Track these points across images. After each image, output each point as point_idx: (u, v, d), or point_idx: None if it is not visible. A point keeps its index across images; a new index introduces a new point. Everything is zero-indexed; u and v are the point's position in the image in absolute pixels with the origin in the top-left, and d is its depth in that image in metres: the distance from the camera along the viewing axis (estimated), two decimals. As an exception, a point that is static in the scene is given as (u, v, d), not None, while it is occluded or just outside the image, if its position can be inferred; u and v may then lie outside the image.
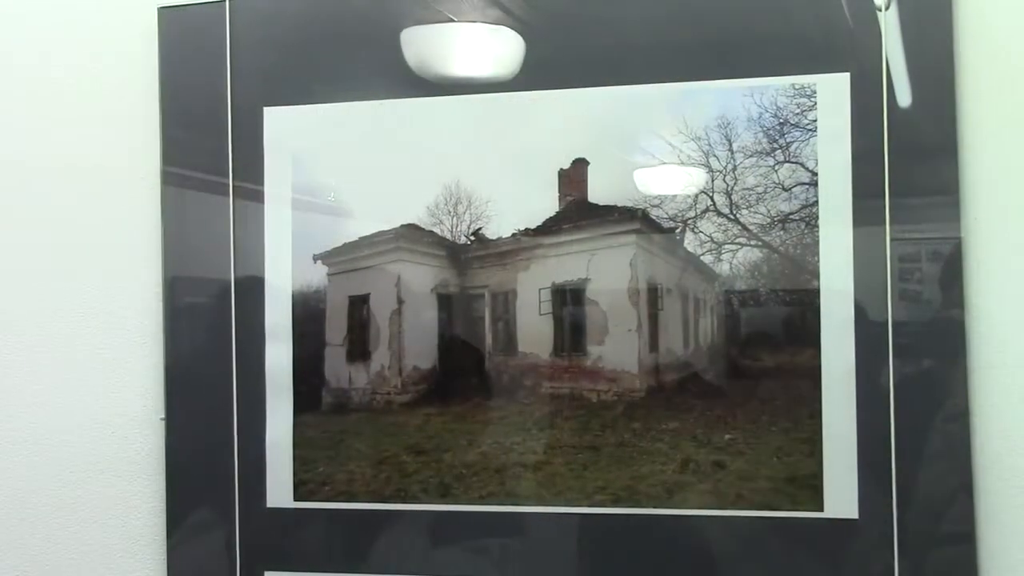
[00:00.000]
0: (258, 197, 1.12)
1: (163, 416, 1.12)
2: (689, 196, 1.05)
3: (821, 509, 1.02)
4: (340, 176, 1.10)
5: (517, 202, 1.08)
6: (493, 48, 1.09)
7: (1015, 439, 1.01)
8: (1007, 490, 1.01)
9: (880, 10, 1.01)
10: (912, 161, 1.01)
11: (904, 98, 1.01)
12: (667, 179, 1.05)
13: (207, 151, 1.12)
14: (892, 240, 1.01)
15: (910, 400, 1.01)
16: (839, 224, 1.02)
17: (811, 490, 1.02)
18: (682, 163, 1.05)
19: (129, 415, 1.14)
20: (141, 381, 1.14)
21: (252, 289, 1.11)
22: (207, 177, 1.13)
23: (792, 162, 1.04)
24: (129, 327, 1.15)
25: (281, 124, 1.11)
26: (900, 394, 1.01)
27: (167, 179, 1.14)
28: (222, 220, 1.11)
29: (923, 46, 1.01)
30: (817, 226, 1.03)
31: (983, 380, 1.01)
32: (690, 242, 1.05)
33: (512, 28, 1.08)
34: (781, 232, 1.04)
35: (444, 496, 1.08)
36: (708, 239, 1.05)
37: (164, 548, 1.12)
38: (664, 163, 1.05)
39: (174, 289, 1.13)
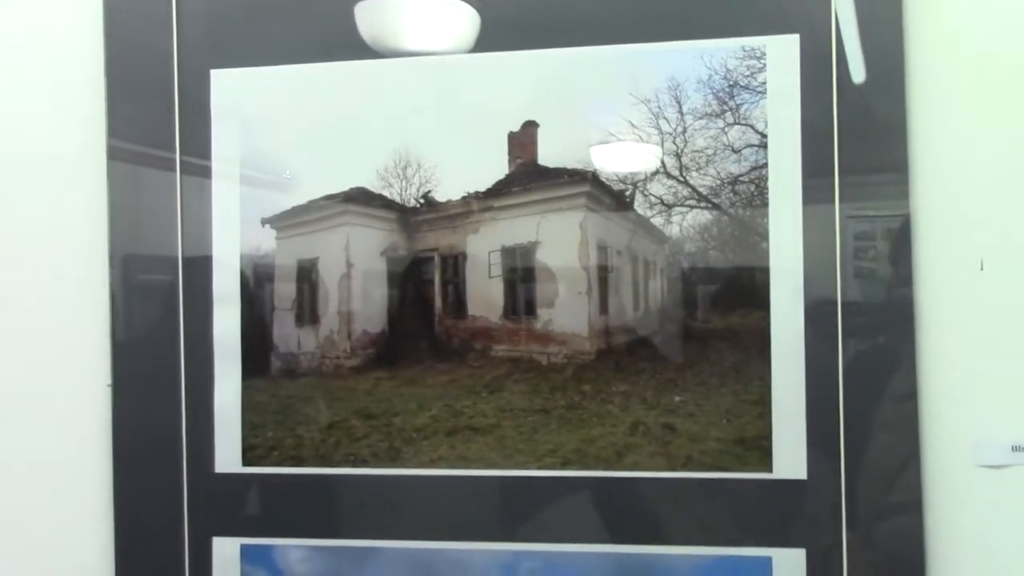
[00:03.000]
0: (206, 166, 1.10)
1: (110, 383, 1.10)
2: (639, 159, 1.04)
3: (770, 470, 1.02)
4: (289, 140, 1.09)
5: (467, 165, 1.07)
6: (448, 21, 1.08)
7: (963, 410, 1.01)
8: (955, 462, 1.01)
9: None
10: (862, 138, 1.01)
11: (857, 75, 1.01)
12: (617, 141, 1.05)
13: (154, 121, 1.10)
14: (842, 217, 1.01)
15: (860, 369, 1.01)
16: (789, 202, 1.01)
17: (760, 451, 1.02)
18: (632, 125, 1.05)
19: (75, 383, 1.12)
20: (88, 350, 1.12)
21: (199, 254, 1.09)
22: (154, 152, 1.11)
23: (742, 124, 1.03)
24: (75, 297, 1.13)
25: (228, 87, 1.10)
26: (849, 365, 1.01)
27: (113, 154, 1.12)
28: (168, 186, 1.09)
29: (873, 19, 1.00)
30: (767, 188, 1.03)
31: (933, 349, 1.01)
32: (640, 204, 1.05)
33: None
34: (731, 194, 1.04)
35: (394, 460, 1.07)
36: (658, 201, 1.05)
37: (111, 516, 1.10)
38: (613, 125, 1.05)
39: (120, 256, 1.11)
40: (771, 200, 1.02)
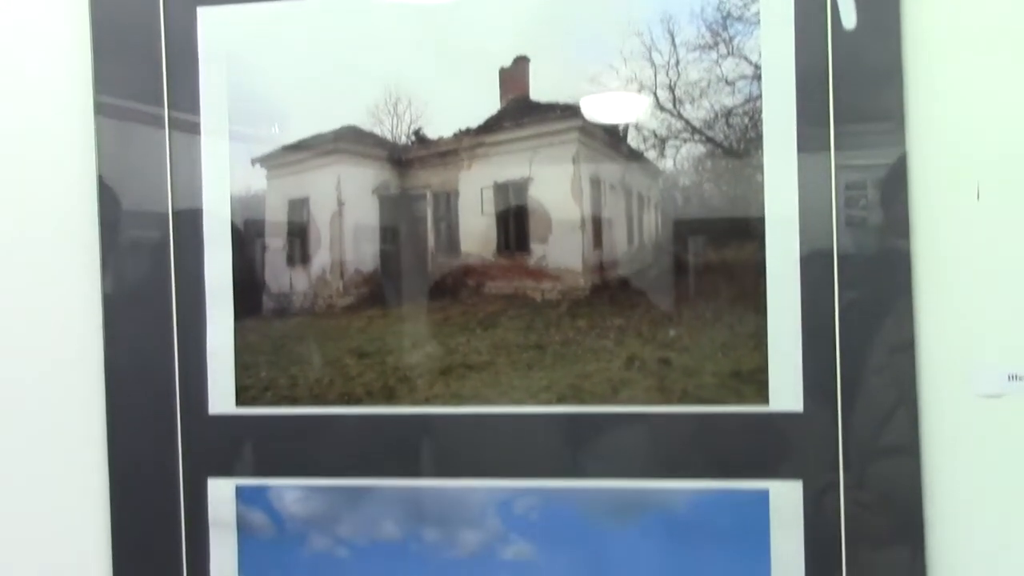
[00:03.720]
0: (195, 109, 1.09)
1: (102, 324, 1.10)
2: (632, 92, 1.03)
3: (766, 403, 1.02)
4: (277, 78, 1.08)
5: (458, 102, 1.06)
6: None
7: (960, 340, 1.01)
8: (952, 392, 1.01)
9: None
10: (856, 85, 1.00)
11: (848, 21, 1.00)
12: (610, 75, 1.04)
13: (142, 67, 1.09)
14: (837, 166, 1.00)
15: (856, 301, 1.01)
16: (783, 130, 1.01)
17: (756, 384, 1.02)
18: (624, 58, 1.04)
19: (68, 328, 1.11)
20: (80, 296, 1.11)
21: (189, 193, 1.08)
22: (143, 99, 1.09)
23: (736, 56, 1.02)
24: (63, 242, 1.12)
25: (216, 24, 1.08)
26: (845, 297, 1.00)
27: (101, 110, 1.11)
28: (157, 132, 1.08)
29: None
30: (761, 120, 1.02)
31: (929, 280, 1.00)
32: (633, 138, 1.04)
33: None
34: (725, 127, 1.03)
35: (388, 399, 1.06)
36: (651, 135, 1.04)
37: (106, 460, 1.10)
38: (606, 59, 1.04)
39: (110, 196, 1.10)
40: (765, 136, 1.01)
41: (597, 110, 1.04)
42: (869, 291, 1.01)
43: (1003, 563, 1.01)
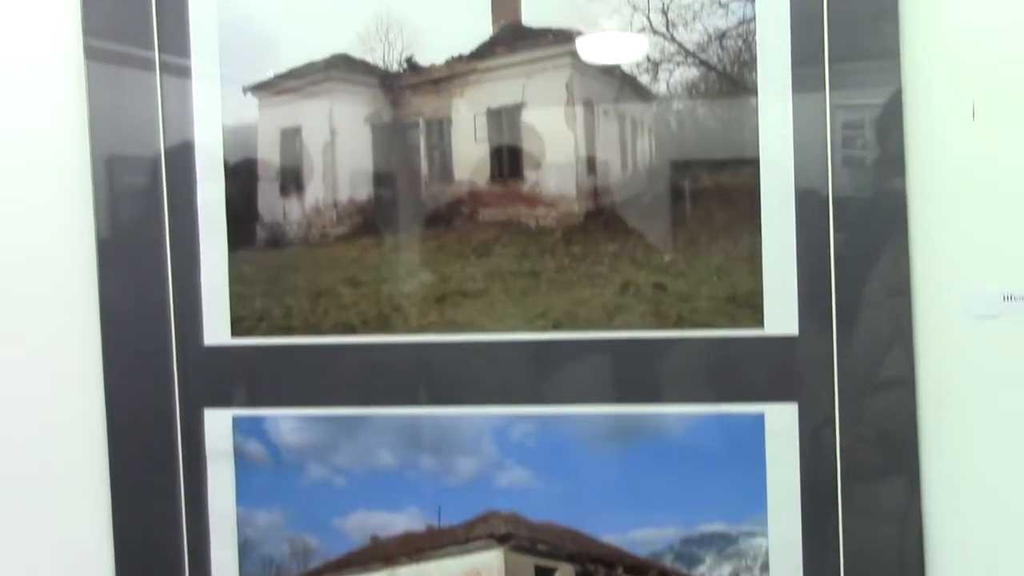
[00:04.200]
0: (185, 39, 1.08)
1: (95, 256, 1.09)
2: (624, 16, 1.02)
3: (761, 327, 1.02)
4: (268, 4, 1.07)
5: (450, 28, 1.05)
6: None
7: (955, 261, 1.01)
8: (947, 314, 1.01)
9: None
10: (851, 24, 0.99)
11: None
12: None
13: (130, 7, 1.08)
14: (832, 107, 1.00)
15: (851, 222, 1.00)
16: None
17: (751, 308, 1.02)
18: (617, -18, 1.03)
19: (61, 257, 1.11)
20: (74, 233, 1.10)
21: (181, 127, 1.08)
22: (132, 33, 1.08)
23: (728, -23, 1.01)
24: (56, 183, 1.11)
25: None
26: (840, 218, 1.00)
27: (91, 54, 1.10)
28: (146, 70, 1.07)
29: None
30: (755, 43, 1.01)
31: (924, 202, 1.00)
32: (626, 63, 1.03)
33: None
34: (719, 49, 1.02)
35: (383, 327, 1.06)
36: (644, 59, 1.03)
37: (102, 391, 1.10)
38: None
39: (101, 133, 1.09)
40: (758, 57, 1.01)
41: (590, 37, 1.03)
42: (864, 214, 1.00)
43: (997, 490, 1.01)
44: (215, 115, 1.08)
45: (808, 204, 1.00)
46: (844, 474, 1.02)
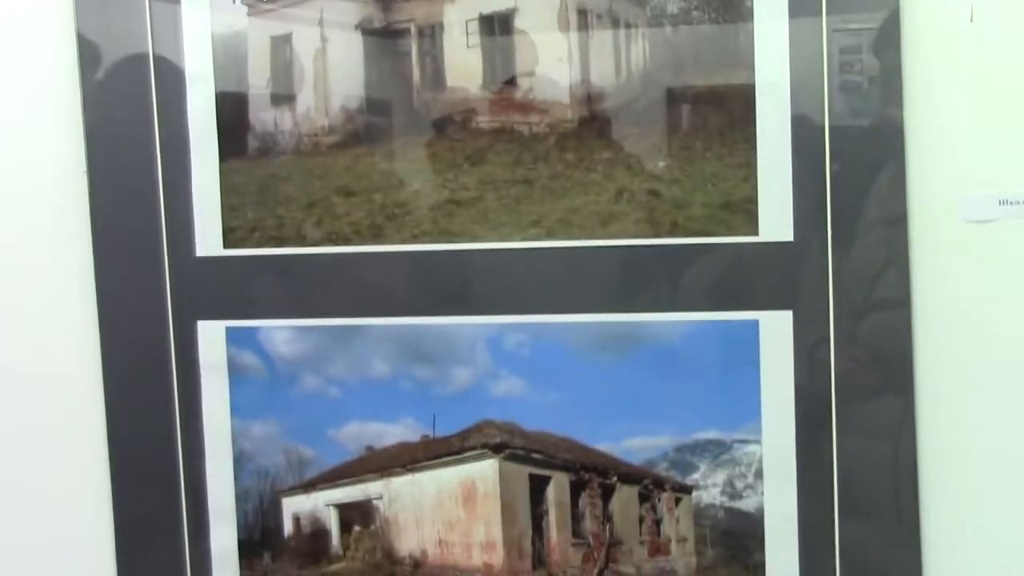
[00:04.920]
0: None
1: (85, 169, 1.08)
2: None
3: (756, 233, 1.01)
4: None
5: (441, -68, 1.04)
6: None
7: (951, 166, 1.00)
8: (943, 219, 1.00)
9: None
10: None
11: None
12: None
13: None
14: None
15: (847, 127, 1.00)
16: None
17: (746, 215, 1.01)
18: None
19: (50, 169, 1.10)
20: (63, 145, 1.09)
21: (170, 38, 1.06)
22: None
23: None
24: (43, 97, 1.10)
25: None
26: (836, 124, 0.99)
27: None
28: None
29: None
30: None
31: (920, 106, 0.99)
32: (620, -34, 1.02)
33: None
34: (714, -42, 1.01)
35: (376, 237, 1.06)
36: (639, -39, 1.02)
37: (94, 304, 1.09)
38: None
39: (88, 48, 1.08)
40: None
41: (583, -62, 1.02)
42: (860, 120, 1.00)
43: (993, 405, 1.01)
44: (204, 24, 1.06)
45: (804, 112, 0.99)
46: (838, 385, 1.01)
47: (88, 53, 1.08)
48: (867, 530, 1.02)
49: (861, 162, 0.99)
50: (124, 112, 1.08)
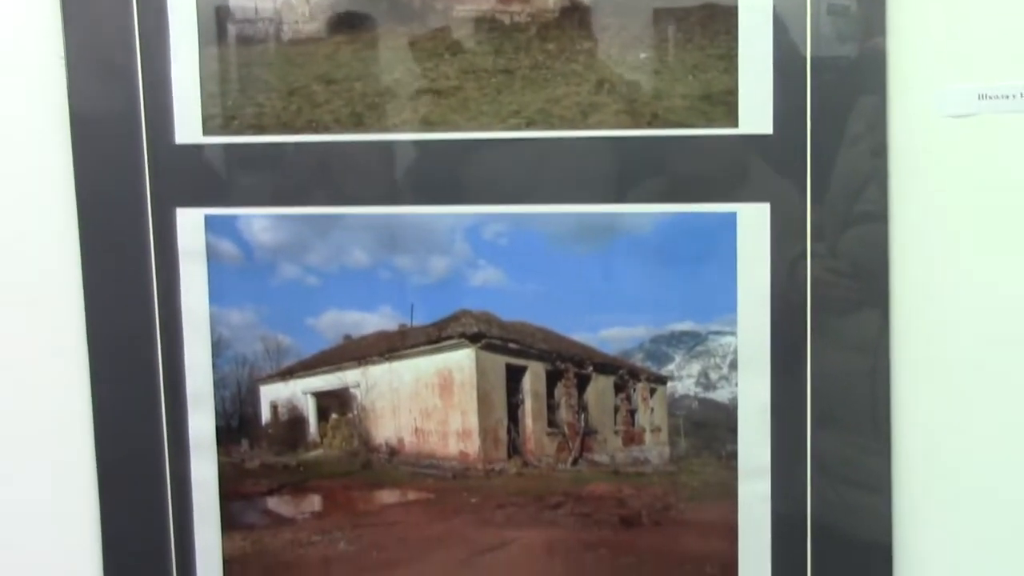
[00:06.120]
0: None
1: (63, 54, 1.08)
2: None
3: (736, 125, 1.01)
4: None
5: None
6: None
7: (930, 60, 1.00)
8: (922, 113, 1.00)
9: None
10: None
11: None
12: None
13: None
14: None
15: (828, 16, 0.99)
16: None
17: (726, 107, 1.01)
18: None
19: (27, 54, 1.09)
20: (37, 25, 1.08)
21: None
22: None
23: None
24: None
25: None
26: (817, 12, 0.99)
27: None
28: None
29: None
30: None
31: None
32: None
33: None
34: None
35: (357, 125, 1.06)
36: None
37: (73, 189, 1.09)
38: None
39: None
40: None
41: None
42: (842, 17, 0.99)
43: (968, 308, 1.02)
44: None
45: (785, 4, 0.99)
46: (814, 277, 1.02)
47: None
48: (838, 420, 1.03)
49: (841, 44, 0.99)
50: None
